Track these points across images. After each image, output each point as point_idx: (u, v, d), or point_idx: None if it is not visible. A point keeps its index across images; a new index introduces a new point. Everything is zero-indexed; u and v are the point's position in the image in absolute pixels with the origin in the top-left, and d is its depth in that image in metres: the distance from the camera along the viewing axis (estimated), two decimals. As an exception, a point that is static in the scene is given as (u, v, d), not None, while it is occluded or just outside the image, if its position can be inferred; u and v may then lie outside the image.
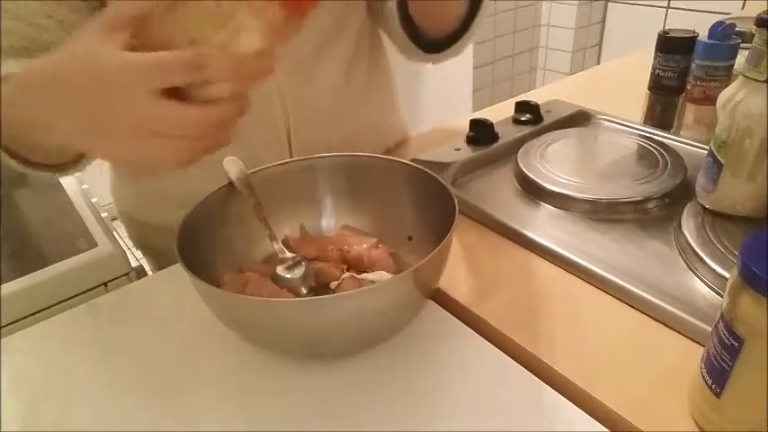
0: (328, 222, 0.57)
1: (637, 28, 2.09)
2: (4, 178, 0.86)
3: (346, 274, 0.50)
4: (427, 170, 0.51)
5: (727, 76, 0.67)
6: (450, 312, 0.49)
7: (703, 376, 0.35)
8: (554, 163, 0.64)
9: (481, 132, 0.71)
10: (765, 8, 0.48)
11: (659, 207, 0.58)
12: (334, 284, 0.49)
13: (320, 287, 0.49)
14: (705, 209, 0.53)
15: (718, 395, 0.34)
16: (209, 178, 0.50)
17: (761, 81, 0.47)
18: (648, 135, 0.70)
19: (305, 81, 0.63)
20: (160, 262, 0.76)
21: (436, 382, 0.42)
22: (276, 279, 0.49)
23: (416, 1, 0.62)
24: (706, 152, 0.54)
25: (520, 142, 0.69)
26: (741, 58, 0.66)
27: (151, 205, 0.70)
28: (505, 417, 0.39)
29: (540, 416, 0.39)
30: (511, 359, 0.43)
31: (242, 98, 0.36)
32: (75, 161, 0.53)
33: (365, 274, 0.49)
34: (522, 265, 0.53)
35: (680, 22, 0.78)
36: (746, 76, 0.48)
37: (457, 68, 2.14)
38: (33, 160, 0.49)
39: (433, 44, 0.67)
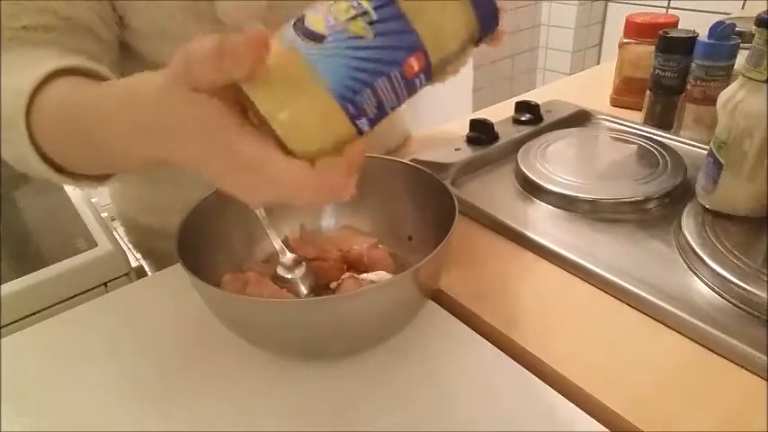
0: (328, 222, 0.57)
1: (637, 28, 2.08)
2: (4, 178, 0.86)
3: (346, 274, 0.49)
4: (427, 170, 0.51)
5: (727, 76, 0.67)
6: (451, 312, 0.49)
7: None
8: (554, 163, 0.64)
9: (481, 132, 0.71)
10: (765, 8, 0.48)
11: (659, 207, 0.58)
12: (334, 284, 0.49)
13: (320, 287, 0.49)
14: (705, 209, 0.53)
15: None
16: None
17: (761, 81, 0.47)
18: (648, 135, 0.70)
19: None
20: (161, 266, 0.76)
21: (436, 383, 0.42)
22: (276, 279, 0.49)
23: None
24: (706, 152, 0.54)
25: (520, 142, 0.69)
26: (741, 59, 0.66)
27: (154, 209, 0.70)
28: (505, 417, 0.39)
29: (540, 416, 0.39)
30: (511, 359, 0.43)
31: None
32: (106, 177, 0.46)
33: (365, 274, 0.49)
34: (522, 265, 0.53)
35: (680, 23, 0.78)
36: (746, 76, 0.48)
37: (457, 68, 2.13)
38: (68, 169, 0.43)
39: None
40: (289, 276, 0.49)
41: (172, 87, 0.30)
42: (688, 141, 0.70)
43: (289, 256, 0.50)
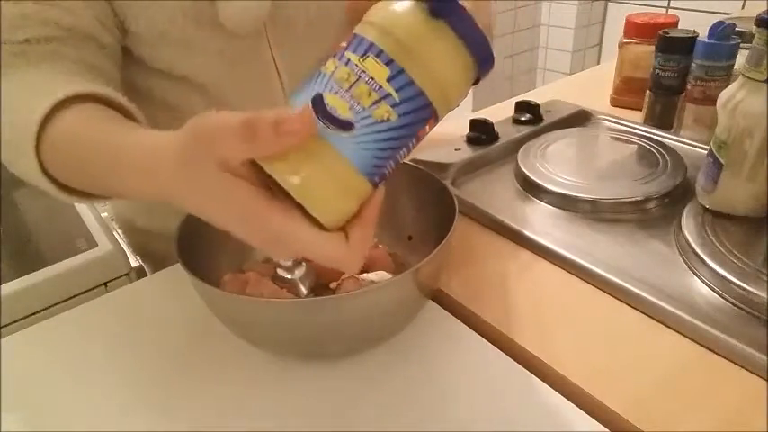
0: (328, 222, 0.57)
1: (637, 28, 2.08)
2: (4, 179, 0.86)
3: (346, 275, 0.49)
4: (427, 170, 0.51)
5: (727, 76, 0.67)
6: (451, 312, 0.49)
7: None
8: (554, 163, 0.64)
9: (481, 132, 0.71)
10: (765, 8, 0.48)
11: (659, 207, 0.58)
12: (334, 284, 0.49)
13: (320, 287, 0.49)
14: (705, 209, 0.53)
15: None
16: None
17: (761, 81, 0.47)
18: (648, 135, 0.70)
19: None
20: (159, 268, 0.75)
21: (436, 382, 0.42)
22: (276, 279, 0.49)
23: None
24: (706, 152, 0.54)
25: (520, 142, 0.69)
26: (741, 59, 0.66)
27: (153, 213, 0.69)
28: (505, 416, 0.39)
29: (539, 416, 0.39)
30: (511, 359, 0.43)
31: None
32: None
33: (365, 275, 0.49)
34: (521, 264, 0.53)
35: (680, 23, 0.78)
36: (746, 76, 0.48)
37: (457, 68, 2.13)
38: (74, 187, 0.43)
39: None
40: (289, 276, 0.49)
41: (195, 163, 0.30)
42: (688, 141, 0.70)
43: (289, 256, 0.50)
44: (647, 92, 0.76)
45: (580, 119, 0.79)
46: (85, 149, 0.39)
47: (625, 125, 0.76)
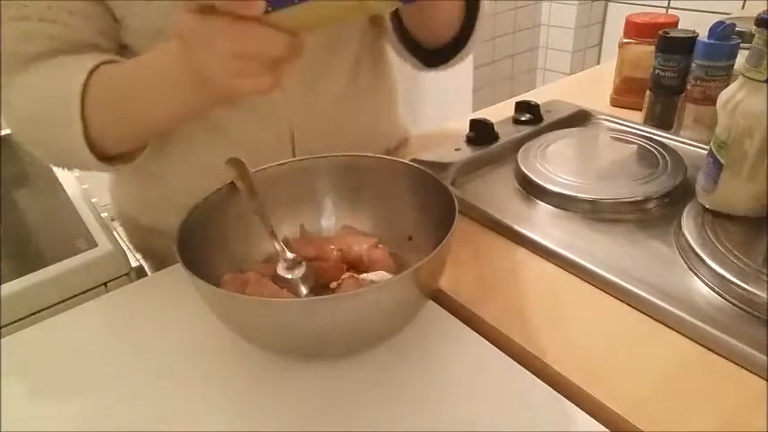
0: (328, 222, 0.57)
1: (637, 28, 2.08)
2: (4, 178, 0.86)
3: (346, 275, 0.49)
4: (427, 170, 0.51)
5: (727, 76, 0.67)
6: (451, 312, 0.49)
7: None
8: (554, 163, 0.64)
9: (481, 132, 0.71)
10: (765, 8, 0.48)
11: (659, 207, 0.58)
12: (334, 284, 0.49)
13: (320, 287, 0.49)
14: (705, 209, 0.53)
15: None
16: (214, 181, 0.50)
17: (761, 81, 0.47)
18: (648, 135, 0.70)
19: (308, 90, 0.63)
20: (161, 267, 0.76)
21: (436, 383, 0.42)
22: (276, 279, 0.49)
23: (407, 10, 0.61)
24: (706, 152, 0.54)
25: (520, 142, 0.69)
26: (741, 59, 0.66)
27: (155, 209, 0.70)
28: (505, 416, 0.39)
29: (539, 416, 0.39)
30: (511, 359, 0.43)
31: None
32: (138, 150, 0.57)
33: (365, 274, 0.49)
34: (522, 265, 0.53)
35: (680, 23, 0.78)
36: (746, 76, 0.48)
37: (457, 68, 2.13)
38: (107, 152, 0.54)
39: (434, 57, 0.67)
40: (289, 276, 0.49)
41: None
42: (688, 141, 0.70)
43: (289, 256, 0.50)
44: (647, 92, 0.76)
45: (580, 119, 0.79)
46: (115, 80, 0.51)
47: (625, 125, 0.76)
